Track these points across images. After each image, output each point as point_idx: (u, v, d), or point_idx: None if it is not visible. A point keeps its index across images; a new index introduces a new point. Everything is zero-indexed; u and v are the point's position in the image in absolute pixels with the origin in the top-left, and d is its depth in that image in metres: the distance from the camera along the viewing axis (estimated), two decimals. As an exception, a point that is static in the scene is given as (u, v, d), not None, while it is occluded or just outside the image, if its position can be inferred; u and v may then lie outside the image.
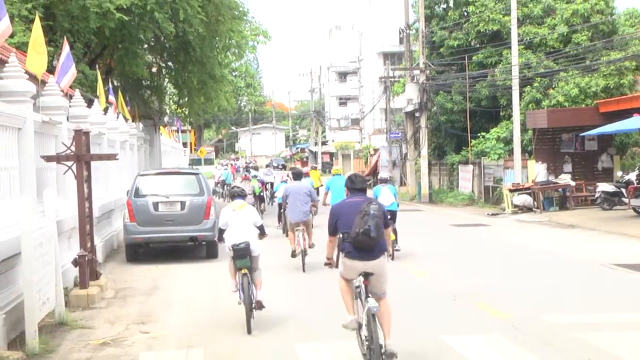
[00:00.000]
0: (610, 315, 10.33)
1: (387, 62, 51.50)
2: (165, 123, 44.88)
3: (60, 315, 10.33)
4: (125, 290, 13.35)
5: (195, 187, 17.28)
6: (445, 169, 38.59)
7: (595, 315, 10.36)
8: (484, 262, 16.19)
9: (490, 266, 15.51)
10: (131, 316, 11.00)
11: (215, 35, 27.83)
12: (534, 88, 31.09)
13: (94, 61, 26.04)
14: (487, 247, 19.12)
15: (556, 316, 10.24)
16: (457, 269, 15.21)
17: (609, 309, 10.80)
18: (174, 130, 61.23)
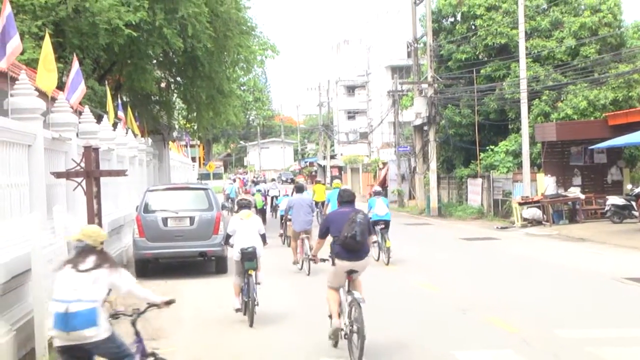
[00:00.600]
0: (622, 330, 10.26)
1: (395, 75, 51.47)
2: (174, 138, 44.97)
3: (70, 332, 10.30)
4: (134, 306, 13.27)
5: (204, 202, 17.28)
6: (454, 182, 38.51)
7: (608, 330, 10.29)
8: (494, 276, 16.12)
9: (500, 280, 15.44)
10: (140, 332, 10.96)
11: (223, 50, 27.90)
12: (543, 101, 31.05)
13: (103, 77, 26.15)
14: (496, 260, 19.04)
15: (568, 331, 10.18)
16: (467, 282, 15.15)
17: (621, 323, 10.73)
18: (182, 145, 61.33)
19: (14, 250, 9.38)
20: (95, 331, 5.98)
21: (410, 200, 43.95)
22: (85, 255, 6.31)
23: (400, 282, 15.05)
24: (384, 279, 15.78)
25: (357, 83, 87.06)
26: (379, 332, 9.78)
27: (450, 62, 36.58)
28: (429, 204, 37.10)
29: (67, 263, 6.35)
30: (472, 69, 34.54)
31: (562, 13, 33.81)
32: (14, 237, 9.72)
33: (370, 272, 16.45)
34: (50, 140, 12.32)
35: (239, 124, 56.68)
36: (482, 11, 35.04)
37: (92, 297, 6.10)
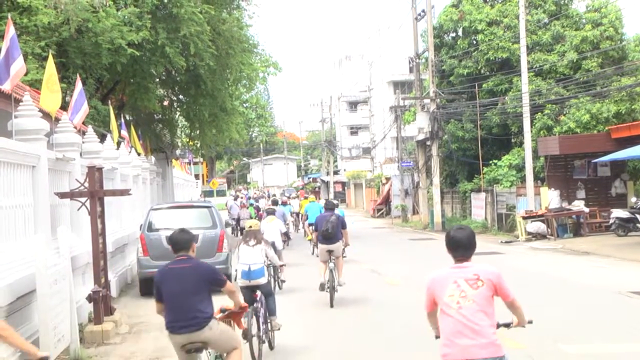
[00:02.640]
0: (629, 344, 10.24)
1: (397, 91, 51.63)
2: (177, 156, 45.05)
3: (75, 352, 10.33)
4: (139, 325, 13.33)
5: (207, 220, 17.33)
6: (458, 197, 38.52)
7: (614, 344, 10.27)
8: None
9: (505, 295, 15.40)
10: (146, 352, 10.99)
11: (225, 68, 28.02)
12: (545, 115, 31.11)
13: (106, 96, 26.26)
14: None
15: (574, 346, 10.16)
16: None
17: (627, 338, 10.71)
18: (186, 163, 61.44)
19: (18, 271, 9.42)
20: (264, 279, 10.47)
21: (414, 216, 43.95)
22: (251, 236, 10.85)
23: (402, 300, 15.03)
24: (386, 297, 15.77)
25: (359, 99, 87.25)
26: (383, 352, 9.74)
27: (452, 77, 36.70)
28: (432, 218, 37.09)
29: (241, 242, 10.85)
30: (474, 84, 34.64)
31: (564, 27, 33.94)
32: (18, 258, 9.76)
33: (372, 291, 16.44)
34: (54, 161, 12.38)
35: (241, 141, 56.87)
36: (483, 26, 35.19)
37: (260, 260, 10.56)
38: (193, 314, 6.77)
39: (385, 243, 30.86)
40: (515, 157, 32.95)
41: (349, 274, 18.98)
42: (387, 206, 51.73)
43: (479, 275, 5.44)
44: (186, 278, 6.82)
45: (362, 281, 18.58)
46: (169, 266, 7.00)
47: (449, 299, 5.42)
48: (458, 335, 5.29)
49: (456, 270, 5.55)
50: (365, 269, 20.93)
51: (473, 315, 5.29)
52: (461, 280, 5.44)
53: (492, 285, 5.40)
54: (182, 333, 6.76)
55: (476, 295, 5.34)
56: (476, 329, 5.25)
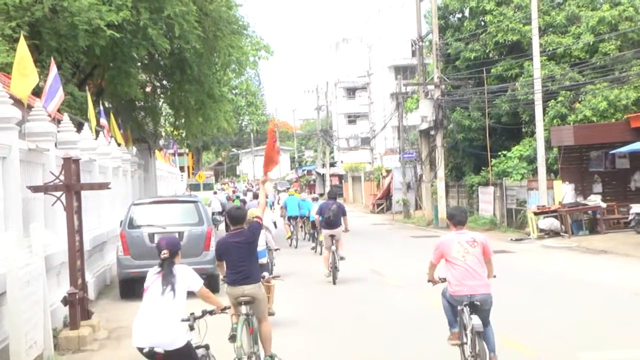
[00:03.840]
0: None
1: (398, 76, 51.52)
2: (160, 146, 44.97)
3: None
4: (119, 330, 13.27)
5: (194, 216, 17.26)
6: (464, 191, 38.51)
7: (634, 351, 10.23)
8: (507, 293, 16.04)
9: (514, 297, 15.38)
10: (125, 359, 10.93)
11: (213, 51, 27.89)
12: (559, 102, 31.05)
13: (84, 82, 26.12)
14: (511, 276, 18.95)
15: (591, 353, 10.13)
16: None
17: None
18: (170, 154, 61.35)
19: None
20: (265, 260, 12.71)
21: (417, 211, 43.94)
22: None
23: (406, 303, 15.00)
24: (388, 298, 15.74)
25: (357, 85, 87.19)
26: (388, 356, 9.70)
27: (458, 62, 36.63)
28: (436, 214, 37.08)
29: None
30: (481, 69, 34.57)
31: (579, 7, 33.88)
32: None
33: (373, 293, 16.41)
34: (26, 152, 12.28)
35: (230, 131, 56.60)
36: (492, 6, 35.12)
37: (262, 243, 12.19)
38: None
39: (386, 241, 30.85)
40: (526, 148, 32.92)
41: (347, 274, 18.99)
42: (387, 201, 51.71)
43: (475, 239, 8.88)
44: (242, 248, 9.42)
45: (361, 282, 18.55)
46: (229, 239, 9.53)
47: (457, 253, 8.73)
48: (466, 279, 8.65)
49: (458, 235, 8.94)
50: (364, 269, 20.90)
51: (475, 265, 8.71)
52: (463, 242, 8.80)
53: (482, 246, 8.83)
54: (238, 285, 9.33)
55: (475, 252, 8.74)
56: (477, 275, 8.70)
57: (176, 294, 7.27)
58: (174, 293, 7.27)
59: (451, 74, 37.12)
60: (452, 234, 8.99)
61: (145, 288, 7.36)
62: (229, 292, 9.41)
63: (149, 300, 7.26)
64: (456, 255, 8.69)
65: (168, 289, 7.24)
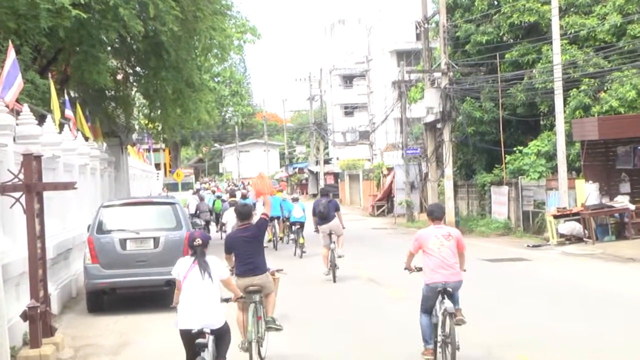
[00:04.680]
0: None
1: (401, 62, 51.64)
2: (133, 141, 44.89)
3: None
4: (86, 348, 13.25)
5: (171, 219, 17.21)
6: (475, 191, 38.52)
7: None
8: (524, 305, 16.06)
9: (532, 310, 15.38)
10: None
11: (193, 34, 27.86)
12: (582, 91, 31.05)
13: (46, 68, 26.05)
14: (527, 286, 18.99)
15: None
16: (492, 313, 15.13)
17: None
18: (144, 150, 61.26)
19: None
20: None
21: (422, 214, 43.89)
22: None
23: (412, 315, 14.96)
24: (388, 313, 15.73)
25: (355, 72, 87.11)
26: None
27: (468, 46, 36.62)
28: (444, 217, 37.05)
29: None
30: (495, 54, 34.56)
31: (604, -16, 33.87)
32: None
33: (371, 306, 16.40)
34: (-19, 147, 12.23)
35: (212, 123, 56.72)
36: (506, -17, 35.12)
37: None
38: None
39: (387, 247, 30.80)
40: (545, 143, 32.92)
41: (343, 285, 18.95)
42: (389, 202, 51.71)
43: (450, 233, 11.03)
44: (250, 242, 11.49)
45: (358, 294, 18.54)
46: (237, 234, 11.70)
47: (433, 245, 10.82)
48: (439, 269, 10.72)
49: (436, 229, 11.04)
50: (362, 279, 20.88)
51: (449, 256, 10.75)
52: (439, 235, 10.90)
53: (457, 240, 10.91)
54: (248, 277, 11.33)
55: (449, 245, 10.82)
56: (450, 265, 10.73)
57: (213, 279, 9.15)
58: (211, 278, 9.14)
59: (460, 59, 37.09)
60: (430, 228, 11.15)
61: (184, 276, 9.17)
62: (238, 283, 11.11)
63: (191, 286, 9.08)
64: (432, 247, 10.79)
65: (206, 275, 9.11)
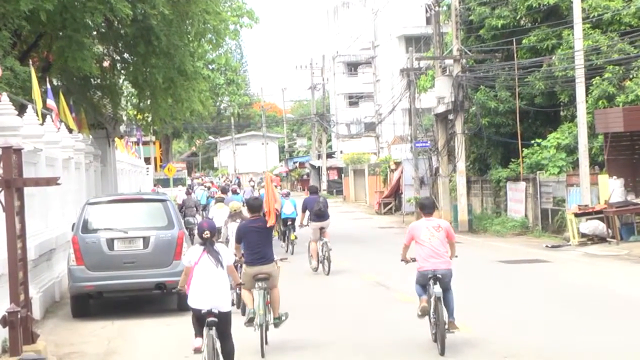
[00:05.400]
0: None
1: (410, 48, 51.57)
2: (121, 134, 44.87)
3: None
4: (71, 355, 13.25)
5: (162, 218, 17.20)
6: (489, 187, 38.48)
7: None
8: (542, 311, 16.04)
9: (551, 316, 15.36)
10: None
11: (185, 18, 27.84)
12: (605, 79, 30.99)
13: (27, 54, 26.03)
14: (546, 290, 18.97)
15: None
16: (509, 320, 15.11)
17: None
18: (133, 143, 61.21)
19: None
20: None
21: (433, 212, 43.88)
22: (237, 216, 17.67)
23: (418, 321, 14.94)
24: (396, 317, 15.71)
25: (360, 59, 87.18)
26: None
27: (482, 31, 36.57)
28: (456, 215, 37.04)
29: (229, 220, 18.11)
30: (511, 39, 34.51)
31: (630, -37, 33.80)
32: None
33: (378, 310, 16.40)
34: (-44, 139, 12.21)
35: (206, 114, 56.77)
36: (523, -38, 35.04)
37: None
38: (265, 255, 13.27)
39: (395, 248, 30.49)
40: (565, 136, 32.86)
41: (347, 287, 18.96)
42: (396, 199, 51.66)
43: (440, 225, 12.84)
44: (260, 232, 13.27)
45: (364, 297, 18.55)
46: (248, 225, 13.52)
47: (424, 236, 12.61)
48: (430, 257, 12.52)
49: (427, 221, 12.85)
50: (368, 282, 20.90)
51: (439, 246, 12.59)
52: (430, 227, 12.69)
53: (446, 231, 12.75)
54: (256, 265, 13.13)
55: (439, 236, 12.63)
56: (440, 254, 12.55)
57: (223, 266, 10.73)
58: (222, 266, 10.72)
59: (474, 45, 37.05)
60: (422, 220, 13.03)
61: (195, 263, 10.71)
62: (247, 271, 13.17)
63: (203, 271, 10.63)
64: (424, 238, 12.61)
65: (217, 262, 10.67)
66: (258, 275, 13.01)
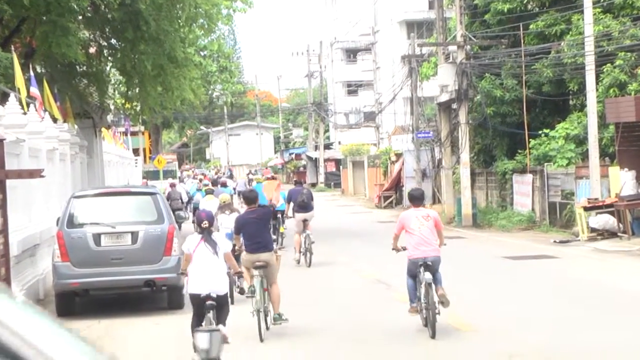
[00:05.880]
0: None
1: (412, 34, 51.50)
2: (109, 123, 44.78)
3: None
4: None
5: (151, 212, 17.18)
6: (495, 180, 38.51)
7: None
8: (550, 309, 16.05)
9: (559, 315, 15.38)
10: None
11: (175, 2, 27.82)
12: (617, 67, 30.98)
13: (8, 40, 26.00)
14: (554, 287, 18.98)
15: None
16: (514, 319, 15.11)
17: None
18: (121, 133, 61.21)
19: None
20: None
21: (435, 205, 43.88)
22: (226, 208, 19.52)
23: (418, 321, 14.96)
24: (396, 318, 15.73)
25: (360, 45, 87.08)
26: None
27: (487, 15, 36.55)
28: (459, 209, 37.07)
29: (219, 212, 19.16)
30: (518, 24, 34.50)
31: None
32: None
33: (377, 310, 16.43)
34: None
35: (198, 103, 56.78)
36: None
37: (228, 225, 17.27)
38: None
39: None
40: (574, 126, 32.88)
41: (345, 285, 18.97)
42: (397, 193, 51.63)
43: (429, 214, 14.02)
44: (258, 222, 14.53)
45: (363, 296, 18.54)
46: (246, 216, 14.79)
47: (414, 225, 13.72)
48: (420, 245, 13.59)
49: (416, 211, 14.00)
50: (368, 280, 20.89)
51: (428, 234, 13.66)
52: (419, 217, 13.82)
53: (434, 220, 13.88)
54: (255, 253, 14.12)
55: (428, 225, 13.72)
56: (429, 242, 13.62)
57: (219, 254, 11.79)
58: (217, 254, 11.77)
59: (479, 31, 37.05)
60: (411, 210, 14.28)
61: (194, 250, 11.79)
62: (247, 258, 14.27)
63: (201, 258, 11.73)
64: (413, 227, 13.76)
65: (213, 250, 11.73)
66: (256, 263, 14.02)
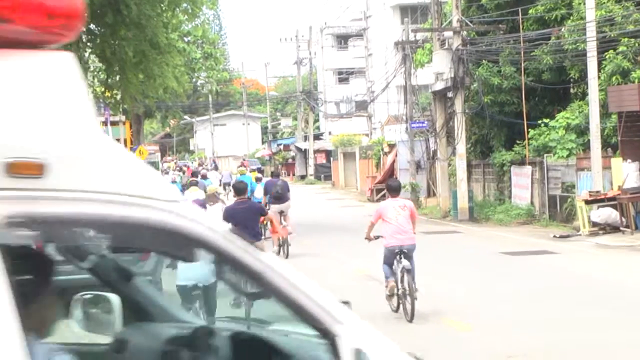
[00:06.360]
0: None
1: (405, 19, 51.42)
2: (87, 113, 44.75)
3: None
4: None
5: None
6: (492, 172, 38.54)
7: None
8: (550, 307, 16.07)
9: (559, 313, 15.40)
10: None
11: (158, -15, 27.73)
12: (620, 53, 31.01)
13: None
14: (554, 284, 18.99)
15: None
16: (513, 318, 15.16)
17: None
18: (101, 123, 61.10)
19: None
20: None
21: (429, 198, 43.98)
22: (210, 198, 19.97)
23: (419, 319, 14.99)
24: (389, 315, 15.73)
25: (351, 31, 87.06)
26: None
27: (484, 0, 36.53)
28: (455, 203, 37.09)
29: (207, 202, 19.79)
30: (516, 9, 34.51)
31: None
32: None
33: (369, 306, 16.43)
34: None
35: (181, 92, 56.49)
36: None
37: (219, 216, 16.40)
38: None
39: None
40: (575, 115, 32.91)
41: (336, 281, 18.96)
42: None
43: (405, 204, 15.72)
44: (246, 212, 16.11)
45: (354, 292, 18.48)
46: (235, 207, 16.42)
47: (391, 215, 15.19)
48: (396, 234, 15.14)
49: (393, 201, 15.64)
50: (358, 275, 20.88)
51: (404, 223, 15.20)
52: (396, 207, 15.38)
53: (410, 210, 15.52)
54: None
55: (404, 214, 15.27)
56: (405, 231, 15.20)
57: None
58: None
59: (476, 16, 37.05)
60: (389, 201, 15.86)
61: None
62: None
63: None
64: (390, 216, 15.13)
65: None
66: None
